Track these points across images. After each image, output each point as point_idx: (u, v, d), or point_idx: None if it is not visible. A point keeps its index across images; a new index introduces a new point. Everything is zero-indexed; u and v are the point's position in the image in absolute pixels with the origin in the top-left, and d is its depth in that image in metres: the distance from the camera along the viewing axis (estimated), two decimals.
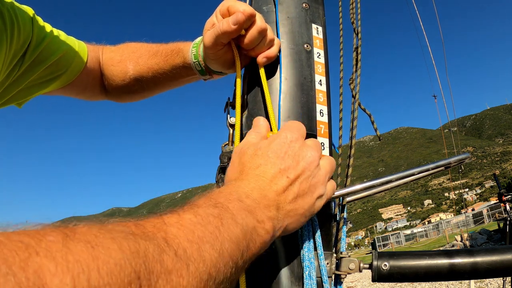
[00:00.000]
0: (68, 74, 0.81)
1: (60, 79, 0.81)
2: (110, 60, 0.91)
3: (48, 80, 0.79)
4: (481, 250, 0.61)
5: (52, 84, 0.80)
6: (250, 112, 0.73)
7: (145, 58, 0.86)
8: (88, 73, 0.87)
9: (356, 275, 13.12)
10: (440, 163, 0.66)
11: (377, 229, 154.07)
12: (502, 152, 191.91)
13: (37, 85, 0.78)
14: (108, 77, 0.91)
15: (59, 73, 0.79)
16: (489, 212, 35.90)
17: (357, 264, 0.64)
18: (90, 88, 0.91)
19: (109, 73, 0.90)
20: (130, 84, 0.89)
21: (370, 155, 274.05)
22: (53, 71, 0.78)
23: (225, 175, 0.63)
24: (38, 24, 0.75)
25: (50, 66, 0.77)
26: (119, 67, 0.89)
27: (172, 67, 0.83)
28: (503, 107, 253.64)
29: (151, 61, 0.85)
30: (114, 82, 0.90)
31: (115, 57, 0.90)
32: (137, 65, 0.87)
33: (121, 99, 0.97)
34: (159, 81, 0.87)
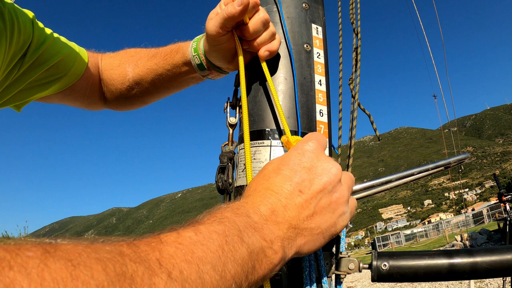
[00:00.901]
0: (68, 77, 0.81)
1: (60, 82, 0.80)
2: (109, 65, 0.90)
3: (48, 82, 0.78)
4: (481, 250, 0.61)
5: (51, 87, 0.80)
6: (250, 112, 0.73)
7: (144, 60, 0.86)
8: (87, 78, 0.86)
9: (356, 275, 13.13)
10: (440, 163, 0.66)
11: (377, 229, 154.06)
12: (502, 152, 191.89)
13: (36, 87, 0.78)
14: (107, 82, 0.90)
15: (59, 76, 0.79)
16: (489, 212, 35.90)
17: (357, 264, 0.64)
18: (88, 95, 0.90)
19: (108, 78, 0.89)
20: (130, 88, 0.88)
21: (370, 155, 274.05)
22: (53, 73, 0.78)
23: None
24: (38, 27, 0.75)
25: (50, 68, 0.77)
26: (117, 71, 0.88)
27: (172, 65, 0.83)
28: (503, 107, 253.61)
29: (151, 62, 0.85)
30: (113, 86, 0.89)
31: (114, 62, 0.90)
32: (136, 68, 0.86)
33: (121, 106, 0.95)
34: (159, 82, 0.86)
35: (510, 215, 5.35)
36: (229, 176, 0.69)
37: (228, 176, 0.69)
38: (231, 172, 0.70)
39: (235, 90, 0.78)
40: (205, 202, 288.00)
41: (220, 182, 0.67)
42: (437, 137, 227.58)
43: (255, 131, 0.70)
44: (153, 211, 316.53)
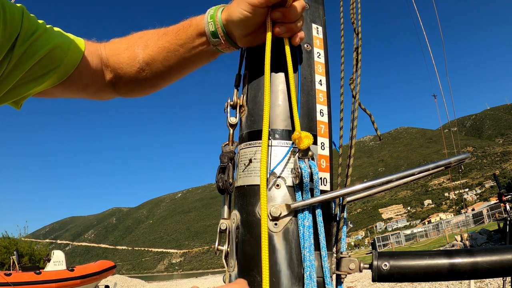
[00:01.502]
0: (63, 67, 0.77)
1: (56, 74, 0.77)
2: (115, 50, 0.86)
3: (42, 74, 0.75)
4: (481, 250, 0.61)
5: (47, 80, 0.76)
6: (250, 112, 0.73)
7: (154, 40, 0.82)
8: (86, 68, 0.82)
9: (356, 275, 13.12)
10: (440, 163, 0.66)
11: (377, 229, 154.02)
12: (502, 152, 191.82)
13: (31, 81, 0.74)
14: (114, 67, 0.85)
15: (53, 67, 0.75)
16: (489, 212, 35.88)
17: (357, 264, 0.64)
18: (91, 85, 0.87)
19: (116, 62, 0.85)
20: (140, 70, 0.84)
21: (370, 155, 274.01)
22: (46, 65, 0.74)
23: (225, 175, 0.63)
24: (28, 17, 0.71)
25: (43, 59, 0.73)
26: (126, 54, 0.84)
27: (184, 40, 0.79)
28: (503, 107, 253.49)
29: (161, 40, 0.81)
30: (122, 70, 0.85)
31: (120, 46, 0.86)
32: (146, 48, 0.82)
33: (131, 91, 0.91)
34: (171, 60, 0.82)
35: (510, 215, 5.34)
36: (230, 176, 0.69)
37: (229, 176, 0.69)
38: (231, 172, 0.70)
39: (235, 90, 0.78)
40: (205, 202, 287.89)
41: (220, 182, 0.67)
42: (437, 137, 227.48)
43: (255, 131, 0.70)
44: (153, 211, 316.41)
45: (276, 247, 0.62)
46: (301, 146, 0.62)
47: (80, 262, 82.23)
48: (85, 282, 13.00)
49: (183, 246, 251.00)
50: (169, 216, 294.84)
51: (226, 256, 0.69)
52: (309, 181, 0.63)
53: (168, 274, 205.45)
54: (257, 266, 0.62)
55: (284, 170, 0.66)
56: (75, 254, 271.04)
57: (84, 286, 12.97)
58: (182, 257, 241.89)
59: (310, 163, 0.64)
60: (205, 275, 61.28)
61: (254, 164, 0.68)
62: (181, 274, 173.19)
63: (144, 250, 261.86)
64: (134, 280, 26.44)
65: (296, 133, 0.62)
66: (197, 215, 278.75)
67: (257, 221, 0.64)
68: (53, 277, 12.02)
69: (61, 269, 12.81)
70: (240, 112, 0.75)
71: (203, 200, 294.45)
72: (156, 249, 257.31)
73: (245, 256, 0.65)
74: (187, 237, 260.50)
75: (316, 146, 0.70)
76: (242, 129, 0.74)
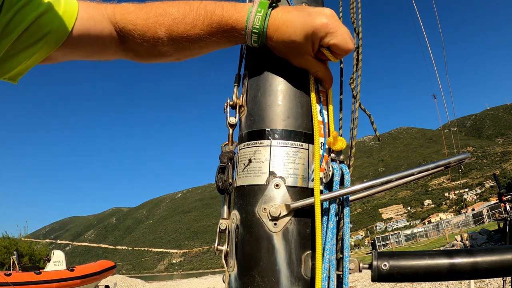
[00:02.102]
0: (55, 33, 0.70)
1: (47, 41, 0.70)
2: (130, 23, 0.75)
3: (33, 43, 0.69)
4: (481, 250, 0.61)
5: (40, 49, 0.70)
6: (250, 112, 0.73)
7: (181, 26, 0.72)
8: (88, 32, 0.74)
9: (356, 275, 13.12)
10: (440, 163, 0.66)
11: (377, 229, 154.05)
12: (502, 152, 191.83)
13: (22, 51, 0.69)
14: (131, 40, 0.77)
15: (43, 34, 0.69)
16: (489, 212, 35.89)
17: (357, 264, 0.64)
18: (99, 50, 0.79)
19: (132, 38, 0.76)
20: (163, 50, 0.77)
21: (370, 155, 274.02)
22: (35, 32, 0.68)
23: (224, 175, 0.63)
24: None
25: (31, 26, 0.67)
26: (146, 33, 0.74)
27: (217, 40, 0.73)
28: (503, 107, 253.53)
29: (189, 31, 0.72)
30: (141, 45, 0.77)
31: (136, 20, 0.75)
32: (171, 34, 0.73)
33: (148, 60, 0.83)
34: (198, 48, 0.76)
35: (510, 215, 5.34)
36: (229, 176, 0.69)
37: (228, 176, 0.69)
38: (231, 172, 0.70)
39: (235, 89, 0.78)
40: (205, 202, 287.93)
41: (220, 182, 0.67)
42: (437, 137, 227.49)
43: (255, 131, 0.70)
44: (153, 211, 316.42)
45: (276, 247, 0.62)
46: (335, 147, 0.66)
47: (80, 262, 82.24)
48: (85, 282, 13.01)
49: (183, 246, 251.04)
50: (169, 216, 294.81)
51: (226, 256, 0.69)
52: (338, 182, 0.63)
53: (168, 274, 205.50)
54: (256, 266, 0.62)
55: (284, 170, 0.66)
56: (75, 254, 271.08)
57: (84, 286, 12.97)
58: (182, 257, 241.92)
59: (342, 166, 0.65)
60: (205, 275, 61.28)
61: (253, 164, 0.68)
62: (181, 274, 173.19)
63: (144, 250, 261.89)
64: (134, 280, 26.45)
65: (333, 134, 0.67)
66: (197, 215, 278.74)
67: (257, 221, 0.64)
68: (53, 277, 12.02)
69: (61, 269, 12.81)
70: (239, 112, 0.75)
71: (203, 200, 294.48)
72: (156, 249, 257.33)
73: (244, 256, 0.65)
74: (187, 237, 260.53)
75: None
76: (241, 129, 0.74)
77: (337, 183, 0.63)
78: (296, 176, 0.66)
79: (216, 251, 0.70)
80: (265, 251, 0.62)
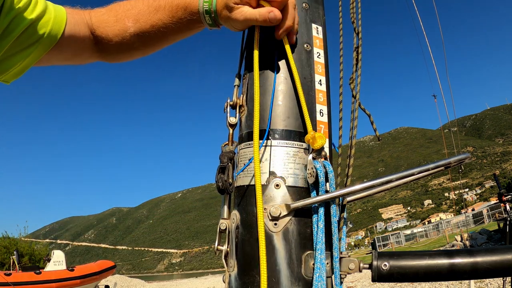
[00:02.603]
0: (48, 37, 0.76)
1: (41, 44, 0.76)
2: (103, 22, 0.85)
3: (28, 45, 0.74)
4: (481, 250, 0.61)
5: (34, 51, 0.75)
6: (250, 112, 0.73)
7: (145, 15, 0.82)
8: (73, 36, 0.82)
9: (356, 275, 13.12)
10: (440, 163, 0.66)
11: (377, 229, 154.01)
12: (502, 152, 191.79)
13: (18, 53, 0.73)
14: (103, 38, 0.85)
15: (38, 37, 0.75)
16: (489, 212, 35.86)
17: (357, 264, 0.64)
18: (80, 53, 0.87)
19: (104, 34, 0.85)
20: (131, 42, 0.85)
21: (370, 155, 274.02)
22: (31, 35, 0.73)
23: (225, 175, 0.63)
24: None
25: (28, 29, 0.72)
26: (116, 27, 0.84)
27: (178, 22, 0.80)
28: (503, 107, 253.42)
29: (153, 17, 0.81)
30: (112, 41, 0.85)
31: (108, 18, 0.85)
32: (137, 22, 0.82)
33: (118, 58, 0.92)
34: (163, 36, 0.84)
35: (510, 215, 5.34)
36: (229, 176, 0.69)
37: (228, 176, 0.69)
38: (231, 172, 0.70)
39: (235, 89, 0.78)
40: (205, 202, 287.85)
41: (220, 182, 0.67)
42: (437, 137, 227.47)
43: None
44: (153, 211, 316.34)
45: (276, 247, 0.62)
46: (315, 146, 0.63)
47: (80, 262, 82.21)
48: (85, 282, 13.00)
49: (183, 246, 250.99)
50: (169, 216, 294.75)
51: (226, 256, 0.69)
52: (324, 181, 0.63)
53: (168, 274, 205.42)
54: (257, 266, 0.62)
55: (284, 170, 0.66)
56: (75, 254, 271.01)
57: (84, 286, 12.97)
58: (182, 257, 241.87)
59: (324, 163, 0.64)
60: (205, 275, 61.27)
61: (253, 164, 0.68)
62: (181, 274, 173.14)
63: (144, 250, 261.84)
64: (134, 280, 26.44)
65: (311, 134, 0.63)
66: (197, 215, 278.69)
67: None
68: (53, 277, 12.01)
69: (61, 269, 12.81)
70: (239, 112, 0.75)
71: (203, 200, 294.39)
72: (156, 249, 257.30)
73: (244, 256, 0.65)
74: (187, 237, 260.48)
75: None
76: (241, 129, 0.74)
77: (322, 183, 0.63)
78: (296, 176, 0.66)
79: (216, 251, 0.70)
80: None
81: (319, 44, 0.76)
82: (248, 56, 0.79)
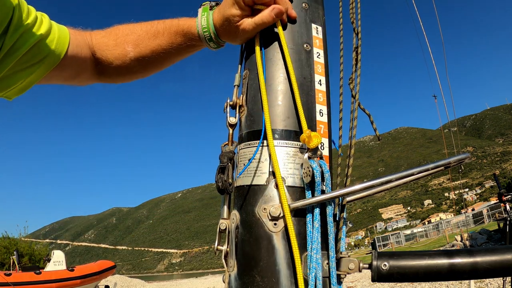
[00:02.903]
0: (52, 56, 0.78)
1: (45, 63, 0.77)
2: (103, 45, 0.87)
3: (32, 64, 0.75)
4: (481, 250, 0.61)
5: (37, 70, 0.77)
6: (250, 112, 0.73)
7: (145, 40, 0.85)
8: (75, 56, 0.83)
9: (356, 275, 13.12)
10: (440, 163, 0.66)
11: (377, 229, 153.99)
12: (502, 152, 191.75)
13: (22, 71, 0.75)
14: (104, 61, 0.88)
15: (42, 56, 0.76)
16: (489, 212, 35.85)
17: (357, 264, 0.64)
18: (81, 73, 0.88)
19: (105, 58, 0.87)
20: (131, 66, 0.87)
21: (370, 155, 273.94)
22: (36, 54, 0.75)
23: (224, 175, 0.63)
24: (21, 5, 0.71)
25: (33, 48, 0.74)
26: (116, 51, 0.86)
27: (178, 47, 0.83)
28: (503, 107, 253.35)
29: (152, 43, 0.84)
30: (112, 64, 0.88)
31: (108, 42, 0.87)
32: (136, 47, 0.85)
33: (118, 80, 0.94)
34: (163, 60, 0.86)
35: (510, 215, 5.34)
36: (229, 176, 0.69)
37: (228, 176, 0.69)
38: (231, 172, 0.70)
39: (235, 89, 0.78)
40: (205, 202, 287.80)
41: (220, 182, 0.67)
42: (437, 137, 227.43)
43: (255, 131, 0.70)
44: (153, 211, 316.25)
45: (276, 247, 0.62)
46: (311, 145, 0.63)
47: (80, 262, 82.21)
48: (85, 282, 13.00)
49: (183, 246, 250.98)
50: (169, 216, 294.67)
51: (226, 256, 0.69)
52: (320, 181, 0.63)
53: (168, 274, 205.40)
54: (256, 266, 0.62)
55: (284, 170, 0.66)
56: (75, 254, 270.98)
57: (84, 286, 12.96)
58: (182, 257, 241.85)
59: (320, 162, 0.64)
60: (205, 275, 61.27)
61: (253, 164, 0.68)
62: (181, 274, 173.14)
63: (144, 250, 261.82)
64: (134, 280, 26.43)
65: (306, 133, 0.63)
66: (197, 215, 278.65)
67: (257, 221, 0.64)
68: (53, 277, 12.01)
69: (61, 269, 12.80)
70: (239, 112, 0.75)
71: (203, 200, 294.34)
72: (156, 249, 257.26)
73: (244, 256, 0.65)
74: (187, 237, 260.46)
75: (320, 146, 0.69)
76: (241, 129, 0.74)
77: (319, 183, 0.63)
78: (296, 176, 0.66)
79: (216, 251, 0.70)
80: (265, 251, 0.62)
81: (319, 44, 0.76)
82: (248, 56, 0.79)
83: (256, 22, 0.72)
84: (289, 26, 0.75)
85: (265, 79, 0.71)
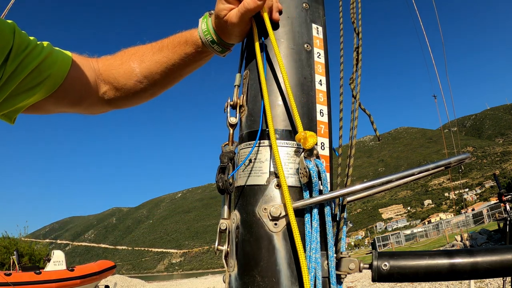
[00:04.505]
0: (52, 78, 0.79)
1: (45, 85, 0.78)
2: (109, 66, 0.89)
3: (33, 86, 0.76)
4: (481, 250, 0.61)
5: (38, 91, 0.77)
6: (250, 112, 0.73)
7: (149, 55, 0.86)
8: (79, 79, 0.84)
9: (356, 275, 13.11)
10: (440, 163, 0.66)
11: (377, 229, 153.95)
12: (502, 152, 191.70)
13: (22, 93, 0.76)
14: (110, 81, 0.88)
15: (42, 78, 0.77)
16: (489, 212, 35.83)
17: (357, 264, 0.64)
18: (86, 97, 0.88)
19: (112, 77, 0.88)
20: (138, 82, 0.87)
21: (370, 155, 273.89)
22: (36, 76, 0.76)
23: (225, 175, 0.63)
24: (20, 33, 0.73)
25: (33, 72, 0.75)
26: (121, 69, 0.87)
27: (184, 57, 0.84)
28: (503, 107, 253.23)
29: (158, 56, 0.85)
30: (119, 84, 0.88)
31: (114, 62, 0.89)
32: (142, 63, 0.86)
33: (129, 102, 0.94)
34: (170, 72, 0.86)
35: (510, 215, 5.33)
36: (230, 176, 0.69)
37: (229, 176, 0.69)
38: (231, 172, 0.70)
39: (236, 89, 0.78)
40: (205, 202, 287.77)
41: (220, 182, 0.67)
42: (437, 137, 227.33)
43: (256, 131, 0.70)
44: (153, 211, 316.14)
45: (276, 247, 0.62)
46: (307, 145, 0.62)
47: (80, 262, 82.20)
48: (85, 282, 13.00)
49: (183, 246, 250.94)
50: (169, 216, 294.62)
51: (226, 256, 0.69)
52: (317, 181, 0.63)
53: (168, 274, 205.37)
54: (257, 266, 0.62)
55: (284, 170, 0.66)
56: (75, 254, 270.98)
57: (84, 286, 12.96)
58: (182, 257, 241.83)
59: (316, 162, 0.64)
60: (205, 275, 61.26)
61: (254, 164, 0.68)
62: (181, 274, 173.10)
63: (144, 250, 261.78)
64: (134, 280, 26.43)
65: (301, 133, 0.62)
66: (197, 215, 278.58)
67: (257, 221, 0.64)
68: (53, 277, 12.01)
69: (61, 269, 12.80)
70: (240, 112, 0.75)
71: (203, 200, 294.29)
72: (156, 249, 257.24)
73: (245, 256, 0.65)
74: (187, 237, 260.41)
75: (316, 146, 0.69)
76: (242, 129, 0.74)
77: (316, 183, 0.63)
78: (296, 176, 0.66)
79: (216, 251, 0.70)
80: (265, 251, 0.62)
81: (319, 44, 0.76)
82: (248, 56, 0.79)
83: (240, 9, 0.72)
84: (289, 26, 0.75)
85: (266, 79, 0.71)
